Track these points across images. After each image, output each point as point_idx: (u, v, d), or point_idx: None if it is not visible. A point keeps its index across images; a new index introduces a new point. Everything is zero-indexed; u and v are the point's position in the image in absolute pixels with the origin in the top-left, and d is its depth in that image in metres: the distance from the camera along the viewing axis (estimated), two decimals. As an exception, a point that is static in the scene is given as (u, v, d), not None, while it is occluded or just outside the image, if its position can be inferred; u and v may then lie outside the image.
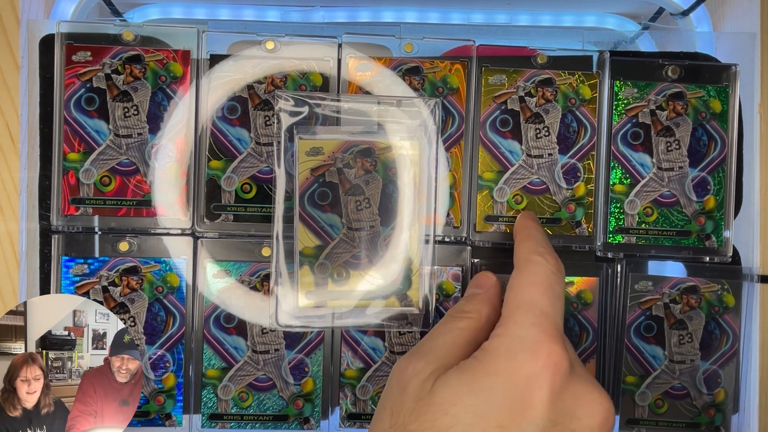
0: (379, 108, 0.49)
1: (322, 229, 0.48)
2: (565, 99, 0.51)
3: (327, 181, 0.48)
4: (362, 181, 0.48)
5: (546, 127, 0.51)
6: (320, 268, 0.48)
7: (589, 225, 0.51)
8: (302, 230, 0.48)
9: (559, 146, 0.51)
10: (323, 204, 0.48)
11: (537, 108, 0.51)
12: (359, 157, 0.48)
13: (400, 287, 0.49)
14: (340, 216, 0.48)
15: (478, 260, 0.51)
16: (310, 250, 0.48)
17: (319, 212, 0.48)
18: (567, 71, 0.51)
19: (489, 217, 0.51)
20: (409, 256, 0.49)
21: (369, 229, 0.48)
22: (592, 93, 0.51)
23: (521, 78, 0.51)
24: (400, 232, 0.48)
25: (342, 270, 0.48)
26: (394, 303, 0.49)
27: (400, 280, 0.49)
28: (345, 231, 0.48)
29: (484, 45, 0.51)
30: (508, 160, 0.51)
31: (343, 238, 0.48)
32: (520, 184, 0.51)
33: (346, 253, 0.48)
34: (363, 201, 0.48)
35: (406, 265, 0.49)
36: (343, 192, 0.48)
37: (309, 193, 0.48)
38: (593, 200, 0.51)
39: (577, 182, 0.51)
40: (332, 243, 0.48)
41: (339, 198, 0.48)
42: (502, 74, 0.51)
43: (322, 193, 0.48)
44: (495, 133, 0.51)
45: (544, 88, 0.51)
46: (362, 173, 0.48)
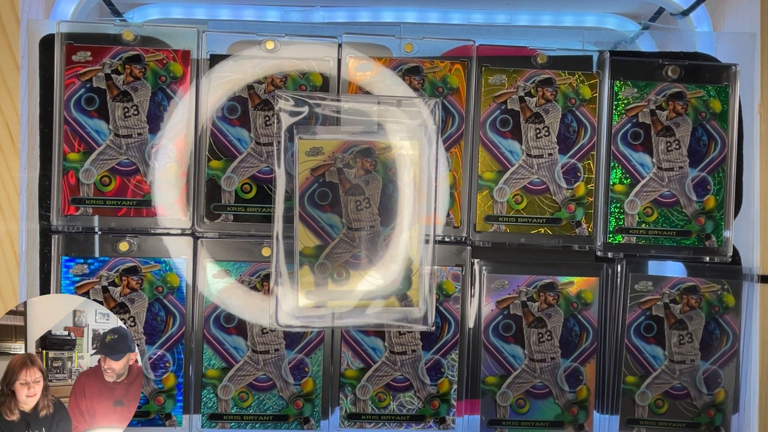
0: (379, 108, 0.49)
1: (322, 229, 0.48)
2: (565, 99, 0.51)
3: (327, 181, 0.48)
4: (362, 181, 0.48)
5: (546, 127, 0.51)
6: (320, 268, 0.48)
7: (589, 225, 0.51)
8: (302, 230, 0.48)
9: (559, 146, 0.51)
10: (323, 204, 0.48)
11: (537, 108, 0.51)
12: (359, 157, 0.48)
13: (400, 287, 0.49)
14: (340, 216, 0.48)
15: (478, 260, 0.51)
16: (310, 250, 0.48)
17: (319, 212, 0.48)
18: (567, 71, 0.51)
19: (489, 217, 0.51)
20: (409, 256, 0.49)
21: (369, 229, 0.48)
22: (592, 93, 0.51)
23: (521, 78, 0.51)
24: (400, 232, 0.49)
25: (342, 270, 0.48)
26: (394, 303, 0.49)
27: (400, 280, 0.49)
28: (345, 231, 0.48)
29: (484, 45, 0.51)
30: (508, 160, 0.51)
31: (343, 238, 0.48)
32: (520, 184, 0.51)
33: (346, 253, 0.48)
34: (363, 201, 0.48)
35: (406, 265, 0.49)
36: (343, 192, 0.48)
37: (309, 193, 0.48)
38: (593, 200, 0.51)
39: (577, 182, 0.51)
40: (332, 243, 0.48)
41: (339, 198, 0.48)
42: (502, 74, 0.51)
43: (322, 193, 0.48)
44: (495, 133, 0.51)
45: (544, 88, 0.51)
46: (362, 173, 0.48)
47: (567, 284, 0.51)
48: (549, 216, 0.51)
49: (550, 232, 0.51)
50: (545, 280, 0.51)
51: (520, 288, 0.51)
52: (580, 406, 0.52)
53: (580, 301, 0.51)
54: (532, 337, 0.51)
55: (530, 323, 0.51)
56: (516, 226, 0.51)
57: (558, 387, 0.51)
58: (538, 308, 0.51)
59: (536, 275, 0.51)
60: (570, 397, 0.51)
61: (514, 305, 0.51)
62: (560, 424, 0.52)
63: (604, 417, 0.52)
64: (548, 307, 0.51)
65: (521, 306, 0.51)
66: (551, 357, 0.51)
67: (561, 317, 0.51)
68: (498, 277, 0.51)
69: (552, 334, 0.51)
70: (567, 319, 0.51)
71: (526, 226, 0.51)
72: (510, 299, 0.51)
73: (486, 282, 0.51)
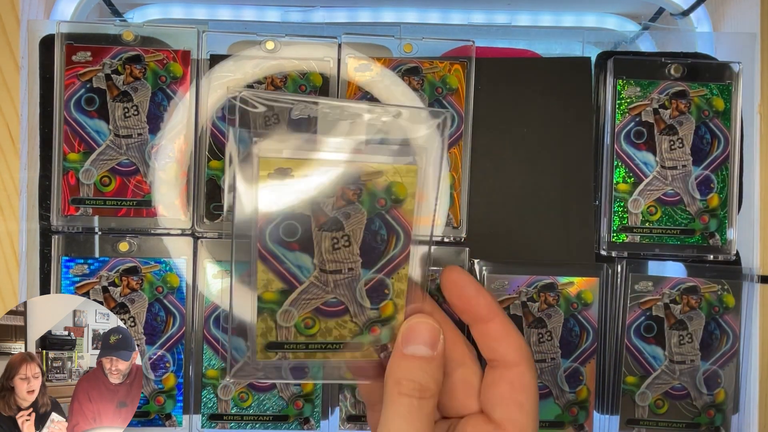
0: (371, 118, 0.40)
1: (287, 271, 0.39)
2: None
3: (297, 212, 0.39)
4: (341, 213, 0.39)
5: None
6: (284, 316, 0.40)
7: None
8: (262, 270, 0.39)
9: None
10: (290, 241, 0.39)
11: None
12: (339, 185, 0.39)
13: (380, 338, 0.41)
14: (311, 255, 0.39)
15: (478, 260, 0.51)
16: (273, 294, 0.40)
17: (284, 250, 0.39)
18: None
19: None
20: (395, 303, 0.41)
21: (347, 272, 0.40)
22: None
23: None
24: (385, 276, 0.40)
25: (310, 319, 0.40)
26: (371, 354, 0.41)
27: (381, 330, 0.41)
28: (317, 273, 0.40)
29: (482, 46, 0.51)
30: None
31: (314, 281, 0.40)
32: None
33: (317, 300, 0.40)
34: (341, 238, 0.39)
35: (390, 313, 0.41)
36: (316, 227, 0.39)
37: (272, 227, 0.39)
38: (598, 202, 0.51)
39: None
40: (300, 287, 0.40)
41: (311, 233, 0.39)
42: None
43: (288, 227, 0.39)
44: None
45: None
46: (343, 204, 0.39)
47: (567, 284, 0.51)
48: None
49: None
50: (545, 280, 0.51)
51: (520, 288, 0.51)
52: (580, 406, 0.52)
53: (580, 302, 0.51)
54: (532, 338, 0.51)
55: (530, 323, 0.51)
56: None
57: (558, 387, 0.51)
58: (538, 308, 0.51)
59: (536, 275, 0.51)
60: (570, 397, 0.51)
61: (514, 305, 0.51)
62: (560, 424, 0.52)
63: (604, 417, 0.52)
64: (548, 308, 0.51)
65: (521, 306, 0.51)
66: (551, 357, 0.51)
67: (561, 317, 0.51)
68: (498, 278, 0.51)
69: (552, 334, 0.51)
70: (567, 319, 0.51)
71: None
72: (510, 299, 0.51)
73: (486, 282, 0.51)
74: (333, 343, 0.40)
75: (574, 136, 0.52)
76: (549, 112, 0.52)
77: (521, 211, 0.51)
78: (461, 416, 0.41)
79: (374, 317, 0.41)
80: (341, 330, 0.40)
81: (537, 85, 0.52)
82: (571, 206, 0.51)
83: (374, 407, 0.43)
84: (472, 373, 0.41)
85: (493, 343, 0.39)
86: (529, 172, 0.51)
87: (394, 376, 0.38)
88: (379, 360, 0.41)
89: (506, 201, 0.51)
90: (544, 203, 0.51)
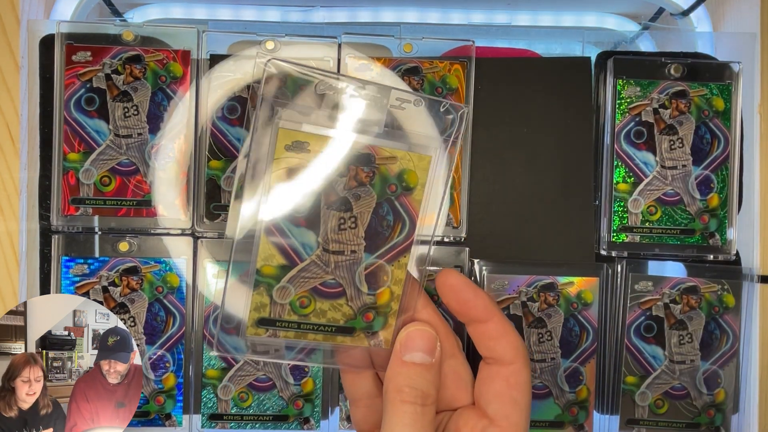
0: (393, 102, 0.39)
1: (290, 246, 0.39)
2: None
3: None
4: (352, 194, 0.39)
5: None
6: (280, 292, 0.39)
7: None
8: (265, 244, 0.39)
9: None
10: (298, 216, 0.39)
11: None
12: (354, 165, 0.39)
13: (372, 325, 0.40)
14: (316, 233, 0.39)
15: (478, 260, 0.51)
16: (272, 269, 0.39)
17: (290, 225, 0.39)
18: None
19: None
20: (392, 291, 0.40)
21: (349, 254, 0.40)
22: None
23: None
24: (386, 262, 0.40)
25: (306, 298, 0.40)
26: (362, 341, 0.41)
27: (374, 317, 0.40)
28: (319, 252, 0.39)
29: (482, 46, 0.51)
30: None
31: (315, 260, 0.39)
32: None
33: (316, 279, 0.40)
34: (348, 219, 0.39)
35: (385, 301, 0.40)
36: (325, 204, 0.39)
37: (281, 199, 0.39)
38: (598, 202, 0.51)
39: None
40: (301, 264, 0.39)
41: (319, 210, 0.39)
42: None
43: (297, 201, 0.39)
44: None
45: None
46: (354, 185, 0.39)
47: (567, 284, 0.51)
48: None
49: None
50: (545, 280, 0.51)
51: (520, 288, 0.51)
52: (580, 406, 0.51)
53: (580, 302, 0.51)
54: (532, 338, 0.51)
55: (530, 323, 0.51)
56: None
57: (558, 387, 0.51)
58: (538, 308, 0.51)
59: (536, 275, 0.51)
60: (570, 397, 0.51)
61: (514, 305, 0.51)
62: (560, 424, 0.52)
63: (604, 417, 0.52)
64: (548, 308, 0.51)
65: (521, 306, 0.51)
66: (551, 357, 0.51)
67: (561, 317, 0.51)
68: (498, 278, 0.51)
69: (552, 334, 0.51)
70: (567, 319, 0.51)
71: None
72: (510, 299, 0.51)
73: (486, 282, 0.51)
74: (325, 326, 0.40)
75: (574, 136, 0.52)
76: (549, 111, 0.52)
77: (521, 211, 0.51)
78: (453, 409, 0.41)
79: (369, 303, 0.40)
80: (335, 313, 0.40)
81: (537, 85, 0.52)
82: (571, 206, 0.51)
83: (357, 403, 0.43)
84: (461, 364, 0.41)
85: (491, 342, 0.39)
86: (529, 172, 0.51)
87: (395, 384, 0.38)
88: (368, 347, 0.41)
89: (506, 201, 0.51)
90: (544, 203, 0.51)
